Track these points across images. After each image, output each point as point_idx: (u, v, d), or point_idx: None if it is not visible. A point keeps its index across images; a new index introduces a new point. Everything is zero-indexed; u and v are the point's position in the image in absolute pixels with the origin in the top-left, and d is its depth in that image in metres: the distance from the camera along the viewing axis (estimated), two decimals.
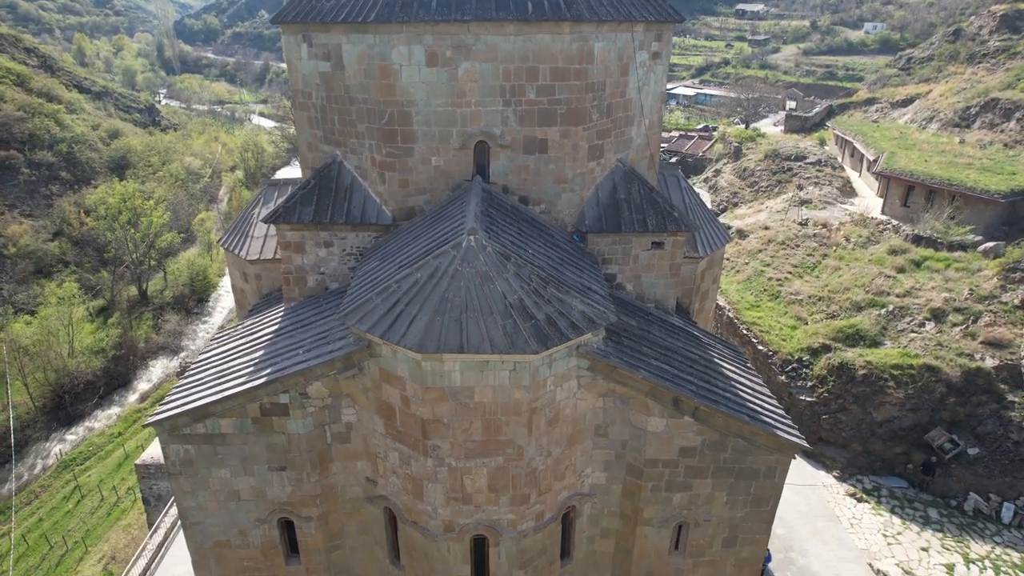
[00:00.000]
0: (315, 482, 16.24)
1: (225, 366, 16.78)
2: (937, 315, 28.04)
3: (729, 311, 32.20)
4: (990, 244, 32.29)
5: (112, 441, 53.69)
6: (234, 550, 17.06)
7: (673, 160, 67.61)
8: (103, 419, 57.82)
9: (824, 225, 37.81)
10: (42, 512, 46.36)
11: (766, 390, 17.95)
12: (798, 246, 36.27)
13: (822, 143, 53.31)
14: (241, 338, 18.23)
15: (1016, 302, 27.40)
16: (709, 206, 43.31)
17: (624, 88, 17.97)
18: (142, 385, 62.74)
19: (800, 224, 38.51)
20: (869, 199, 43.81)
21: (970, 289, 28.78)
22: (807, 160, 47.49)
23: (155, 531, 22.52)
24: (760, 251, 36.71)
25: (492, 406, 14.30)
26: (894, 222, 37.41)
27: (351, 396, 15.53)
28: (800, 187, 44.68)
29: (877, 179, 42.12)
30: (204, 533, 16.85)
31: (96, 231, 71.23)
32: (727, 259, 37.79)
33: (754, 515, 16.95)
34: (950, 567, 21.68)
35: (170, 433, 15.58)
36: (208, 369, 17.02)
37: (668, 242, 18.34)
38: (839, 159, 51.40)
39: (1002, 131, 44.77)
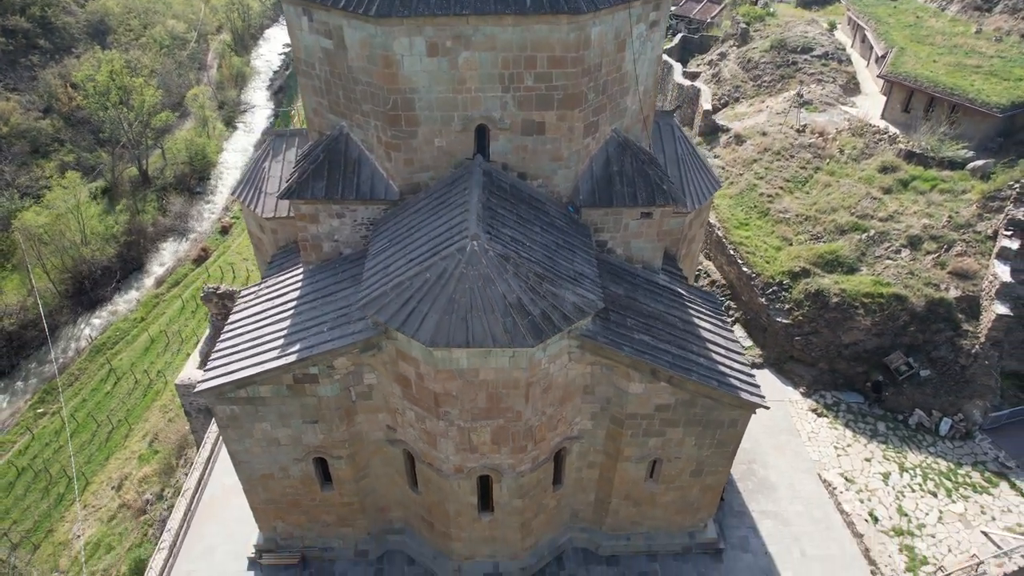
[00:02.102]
0: (343, 431, 18.97)
1: (257, 333, 18.89)
2: (913, 242, 29.63)
3: (719, 229, 33.70)
4: (979, 163, 33.00)
5: (136, 326, 57.16)
6: (277, 481, 20.23)
7: (679, 36, 65.13)
8: (123, 303, 60.95)
9: (821, 133, 38.07)
10: (84, 393, 50.76)
11: (737, 346, 20.17)
12: (792, 157, 36.88)
13: (832, 28, 51.35)
14: (268, 301, 20.15)
15: (988, 232, 28.88)
16: (710, 104, 43.15)
17: (620, 63, 18.36)
18: (155, 268, 65.29)
19: (798, 131, 38.74)
20: (872, 97, 43.40)
21: (949, 216, 30.11)
22: (813, 53, 46.21)
23: (203, 446, 25.88)
24: (755, 161, 37.35)
25: (494, 383, 16.60)
26: (891, 131, 37.65)
27: (371, 366, 17.80)
28: (802, 83, 44.04)
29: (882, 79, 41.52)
30: (251, 469, 19.93)
31: (88, 110, 70.22)
32: (723, 168, 38.53)
33: (718, 454, 19.93)
34: (886, 475, 25.27)
35: (218, 396, 18.04)
36: (242, 335, 19.14)
37: (657, 213, 19.65)
38: (848, 46, 49.94)
39: (1022, 18, 43.47)
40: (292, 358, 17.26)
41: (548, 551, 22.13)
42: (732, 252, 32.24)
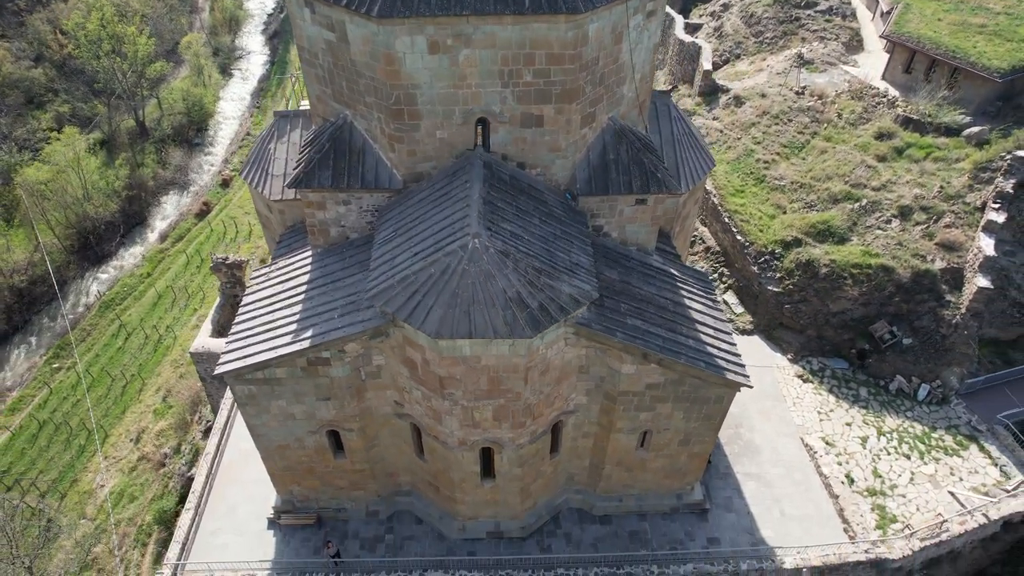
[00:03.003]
0: (354, 406, 20.28)
1: (271, 316, 19.95)
2: (904, 212, 30.29)
3: (715, 196, 34.28)
4: (975, 129, 33.27)
5: (143, 282, 58.19)
6: (293, 450, 21.71)
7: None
8: (129, 258, 61.78)
9: (820, 96, 38.07)
10: (97, 349, 52.27)
11: (725, 325, 21.26)
12: (790, 121, 37.04)
13: None
14: (280, 284, 21.12)
15: (978, 203, 29.51)
16: (710, 64, 42.89)
17: (617, 55, 18.73)
18: (158, 223, 65.78)
19: (797, 93, 38.73)
20: (876, 55, 43.01)
21: (940, 186, 30.65)
22: (817, 8, 45.45)
23: (219, 412, 27.33)
24: (753, 125, 37.51)
25: (495, 368, 17.77)
26: (891, 93, 37.65)
27: (379, 349, 18.93)
28: (804, 41, 43.57)
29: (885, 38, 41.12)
30: (269, 440, 21.36)
31: (81, 60, 69.29)
32: (721, 131, 38.74)
33: (704, 426, 21.31)
34: (864, 439, 26.80)
35: (236, 378, 19.26)
36: (257, 318, 20.19)
37: (651, 200, 20.38)
38: None
39: None
40: (305, 344, 18.38)
41: (546, 511, 23.87)
42: (727, 220, 32.96)
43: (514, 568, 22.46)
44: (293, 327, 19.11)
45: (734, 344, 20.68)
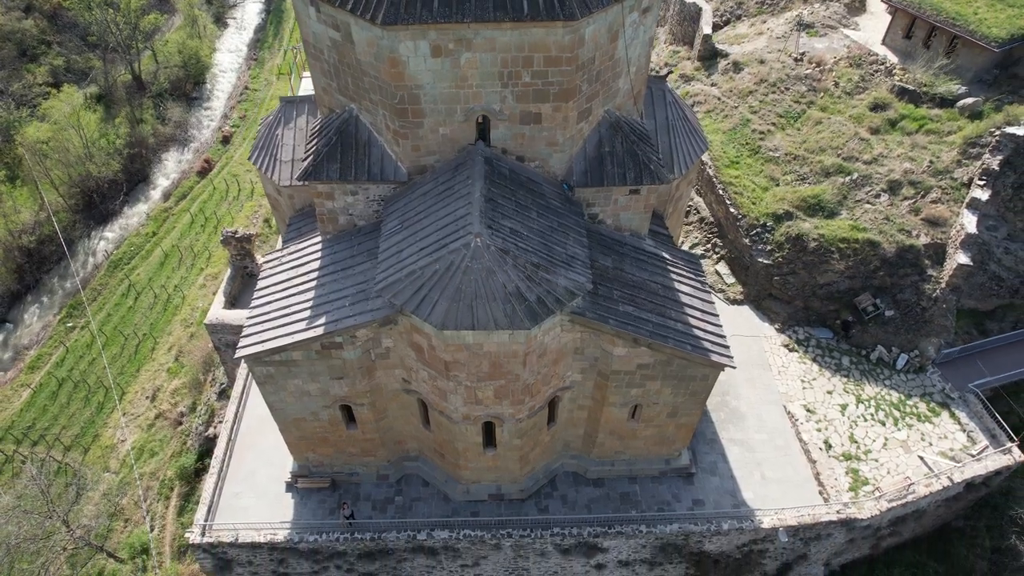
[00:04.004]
0: (364, 384, 21.79)
1: (286, 302, 21.23)
2: (893, 187, 31.11)
3: (710, 168, 34.99)
4: (969, 101, 33.68)
5: (149, 241, 59.23)
6: (308, 423, 23.36)
7: None
8: (134, 216, 62.57)
9: (818, 63, 38.22)
10: (108, 308, 53.79)
11: (712, 308, 22.52)
12: (787, 89, 37.33)
13: None
14: (292, 269, 22.30)
15: (965, 179, 30.31)
16: (710, 28, 42.76)
17: (613, 52, 19.36)
18: (161, 180, 66.25)
19: (795, 59, 38.85)
20: (877, 16, 42.71)
21: (930, 160, 31.36)
22: None
23: (236, 382, 28.92)
24: (751, 93, 37.82)
25: (496, 354, 19.16)
26: (890, 60, 37.82)
27: (388, 334, 20.29)
28: (806, 1, 43.26)
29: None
30: (286, 414, 22.98)
31: (73, 12, 68.39)
32: (719, 98, 39.07)
33: (691, 400, 22.88)
34: (844, 407, 28.48)
35: (255, 361, 20.70)
36: (273, 303, 21.47)
37: (644, 190, 21.34)
38: None
39: None
40: (319, 331, 19.73)
41: (543, 475, 25.75)
42: (721, 192, 33.81)
43: (514, 527, 24.45)
44: (307, 314, 20.41)
45: (720, 326, 22.01)
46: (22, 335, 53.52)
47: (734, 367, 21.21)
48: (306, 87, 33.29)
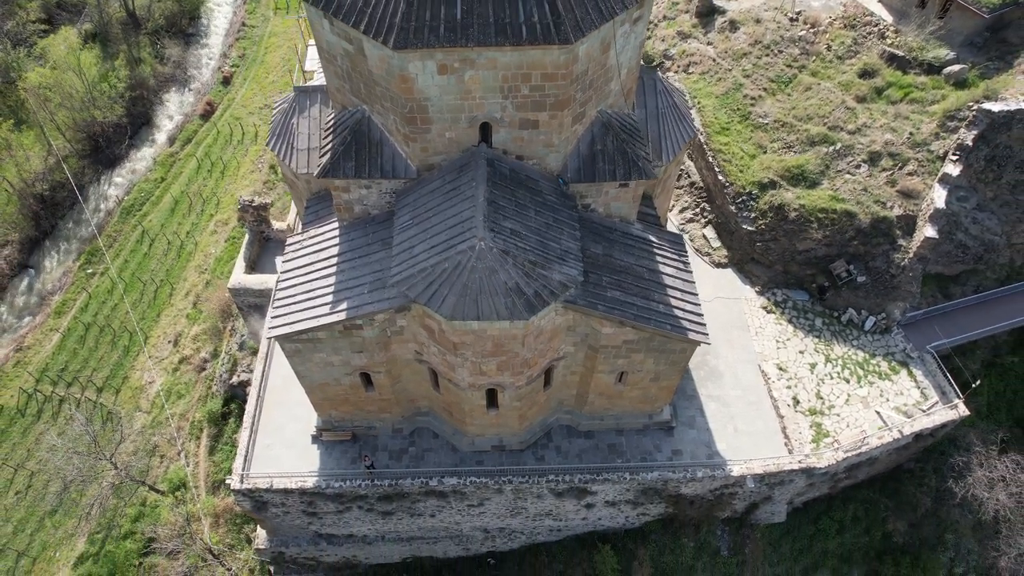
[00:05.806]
0: (382, 356, 24.56)
1: (310, 286, 23.66)
2: (873, 158, 32.78)
3: (702, 134, 36.46)
4: (955, 68, 34.75)
5: (158, 187, 60.71)
6: (331, 387, 26.30)
7: None
8: (140, 160, 63.73)
9: (813, 24, 38.88)
10: (124, 255, 56.09)
11: (692, 287, 24.92)
12: (781, 52, 38.18)
13: None
14: (314, 254, 24.56)
15: (940, 152, 31.95)
16: None
17: (605, 62, 20.89)
18: (164, 123, 66.97)
19: (791, 19, 39.46)
20: None
21: (910, 132, 32.88)
22: None
23: (261, 344, 31.72)
24: (745, 55, 38.67)
25: (498, 337, 21.79)
26: (884, 20, 38.48)
27: (403, 316, 22.84)
28: None
29: None
30: (311, 380, 25.89)
31: None
32: (714, 59, 39.93)
33: (671, 368, 25.72)
34: (813, 365, 31.38)
35: (284, 339, 23.36)
36: (298, 286, 23.90)
37: (632, 184, 23.31)
38: None
39: None
40: (342, 315, 22.29)
41: (540, 429, 28.98)
42: (711, 159, 35.49)
43: (514, 475, 27.90)
44: (330, 298, 22.90)
45: (698, 304, 24.52)
46: (45, 280, 56.04)
47: (709, 343, 23.88)
48: (312, 55, 34.24)
